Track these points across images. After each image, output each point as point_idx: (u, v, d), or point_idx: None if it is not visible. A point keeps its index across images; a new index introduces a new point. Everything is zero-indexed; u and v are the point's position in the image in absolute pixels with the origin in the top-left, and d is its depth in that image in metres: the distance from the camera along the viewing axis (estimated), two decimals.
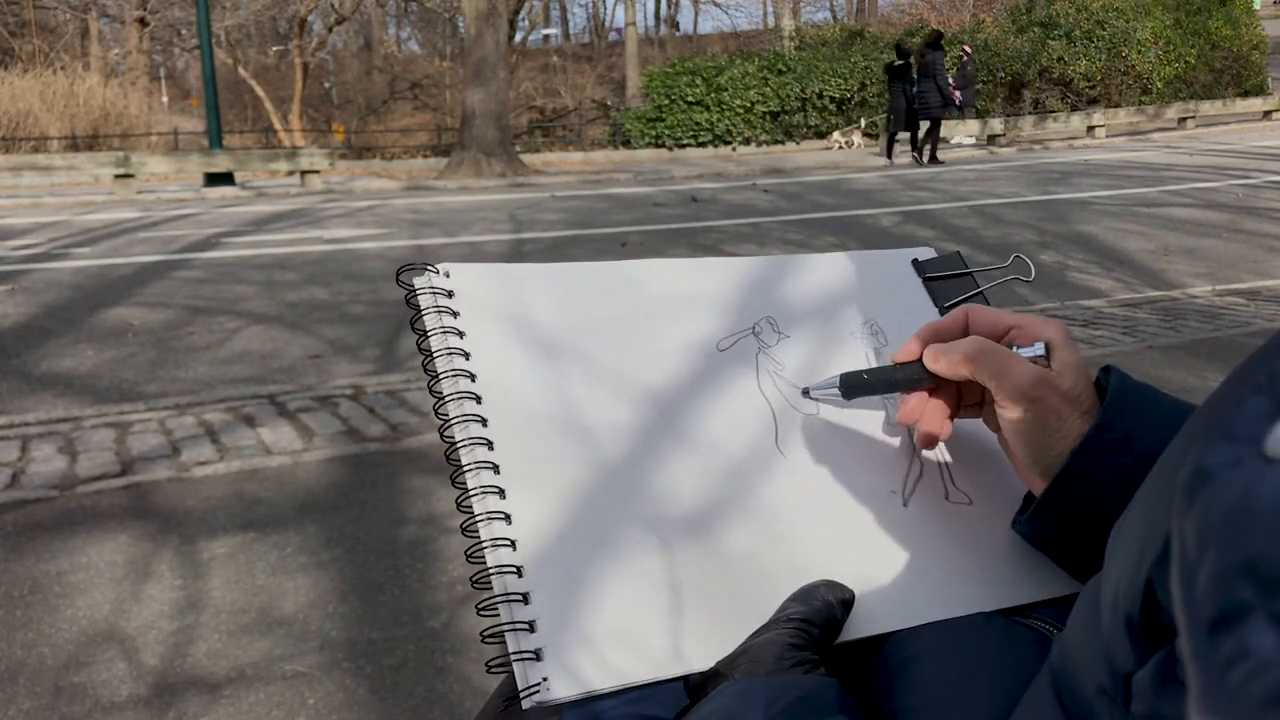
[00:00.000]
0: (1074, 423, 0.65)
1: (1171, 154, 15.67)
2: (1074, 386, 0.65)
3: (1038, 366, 0.66)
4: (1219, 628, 0.30)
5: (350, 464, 3.45)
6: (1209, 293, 5.92)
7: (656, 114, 21.50)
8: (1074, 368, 0.66)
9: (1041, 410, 0.65)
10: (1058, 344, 0.67)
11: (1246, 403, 0.33)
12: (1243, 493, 0.31)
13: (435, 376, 0.70)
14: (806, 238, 8.69)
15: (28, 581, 2.63)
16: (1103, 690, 0.43)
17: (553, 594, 0.63)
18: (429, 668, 2.23)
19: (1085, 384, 0.66)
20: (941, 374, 0.69)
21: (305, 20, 31.08)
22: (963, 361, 0.67)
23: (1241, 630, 0.29)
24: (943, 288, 0.86)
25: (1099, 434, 0.63)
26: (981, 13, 29.02)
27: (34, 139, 20.29)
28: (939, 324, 0.72)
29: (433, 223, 10.64)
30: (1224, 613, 0.30)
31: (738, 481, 0.71)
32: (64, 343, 5.45)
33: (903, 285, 0.86)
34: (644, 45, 36.66)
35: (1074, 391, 0.65)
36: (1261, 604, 0.29)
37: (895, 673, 0.63)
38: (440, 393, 0.69)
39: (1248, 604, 0.29)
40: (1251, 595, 0.29)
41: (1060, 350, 0.67)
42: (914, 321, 0.82)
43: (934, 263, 0.87)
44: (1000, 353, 0.66)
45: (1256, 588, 0.29)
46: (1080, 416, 0.65)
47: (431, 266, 0.74)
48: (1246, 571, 0.29)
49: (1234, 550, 0.30)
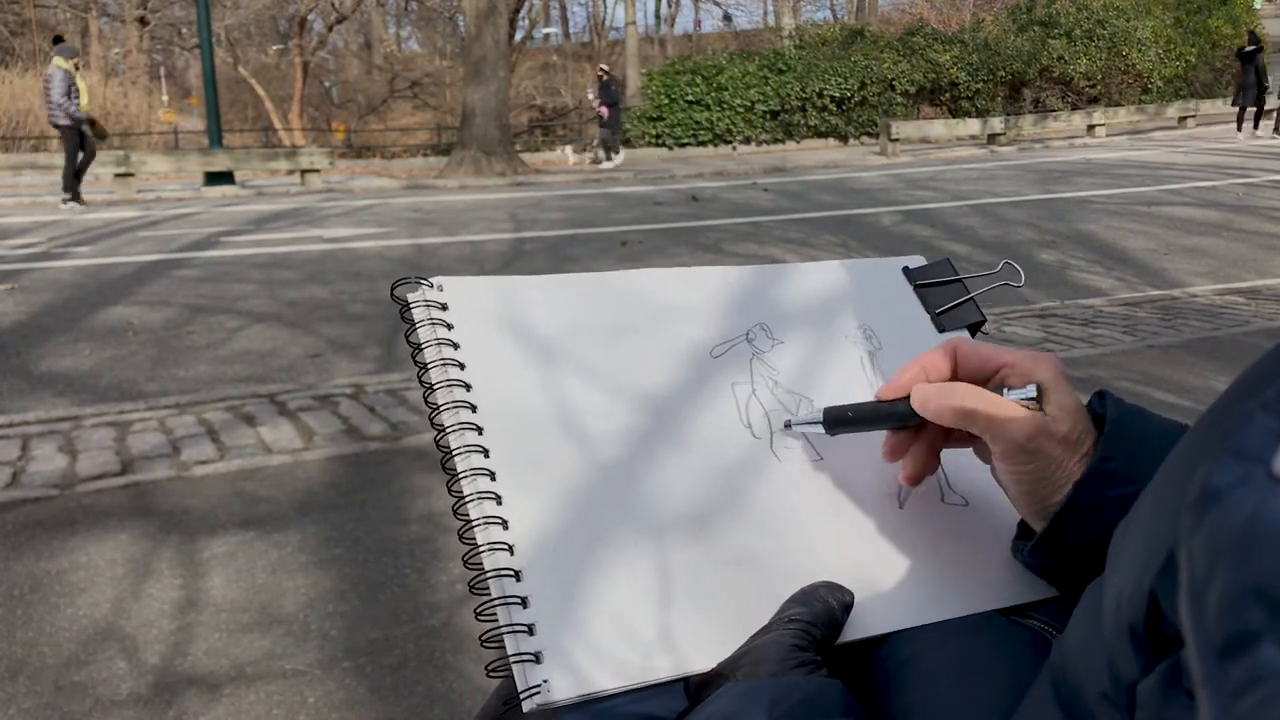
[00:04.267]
0: (1072, 467, 0.62)
1: (1171, 153, 15.67)
2: (1071, 431, 0.62)
3: (1033, 415, 0.63)
4: (1229, 652, 0.29)
5: (350, 463, 3.45)
6: (1209, 291, 5.92)
7: (657, 113, 21.50)
8: (1070, 410, 0.63)
9: (1040, 460, 0.62)
10: (1051, 385, 0.64)
11: (1255, 420, 0.33)
12: (1252, 514, 0.30)
13: (430, 388, 0.70)
14: (807, 236, 8.69)
15: (28, 580, 2.63)
16: (1106, 696, 0.43)
17: (552, 597, 0.63)
18: (429, 666, 2.23)
19: (1083, 426, 0.63)
20: (930, 419, 0.66)
21: (305, 19, 31.08)
22: (952, 414, 0.64)
23: (1252, 655, 0.29)
24: (933, 294, 0.86)
25: (1102, 464, 0.61)
26: (981, 12, 29.02)
27: (34, 138, 20.28)
28: (926, 360, 0.68)
29: (433, 221, 10.64)
30: (1234, 637, 0.29)
31: (733, 484, 0.71)
32: (64, 342, 5.45)
33: (894, 292, 0.86)
34: (644, 44, 36.64)
35: (1071, 436, 0.62)
36: (1272, 629, 0.28)
37: (894, 673, 0.63)
38: (435, 403, 0.70)
39: (1258, 629, 0.29)
40: (1262, 620, 0.29)
41: (1054, 392, 0.64)
42: (906, 328, 0.83)
43: (924, 270, 0.88)
44: (993, 404, 0.63)
45: (1266, 612, 0.29)
46: (1079, 460, 0.62)
47: (425, 280, 0.75)
48: (1257, 595, 0.29)
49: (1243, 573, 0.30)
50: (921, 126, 20.47)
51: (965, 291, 0.86)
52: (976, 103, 22.56)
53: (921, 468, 0.69)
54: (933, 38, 22.96)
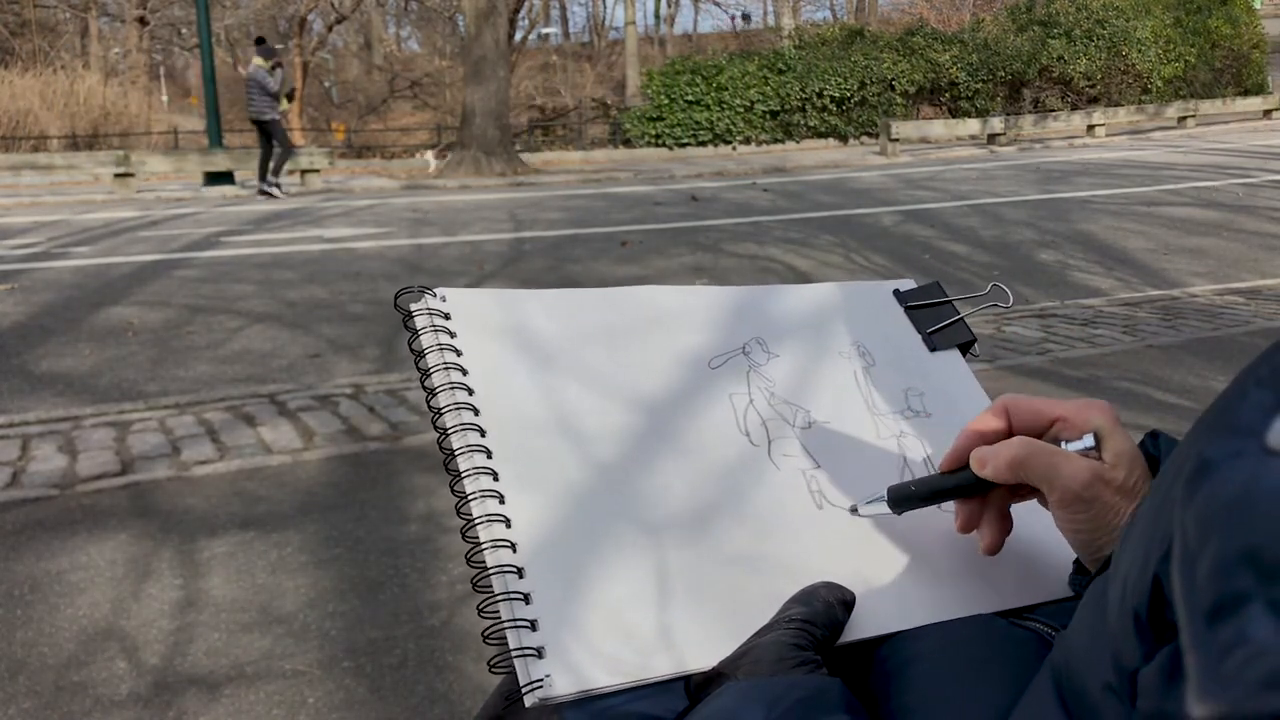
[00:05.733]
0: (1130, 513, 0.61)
1: (1171, 153, 15.67)
2: (1129, 477, 0.62)
3: (1089, 462, 0.62)
4: (1217, 615, 0.30)
5: (350, 463, 3.45)
6: (1209, 291, 5.92)
7: (656, 113, 21.49)
8: (1127, 456, 0.63)
9: (1098, 508, 0.62)
10: (1107, 432, 0.64)
11: (1249, 396, 0.33)
12: (1244, 483, 0.31)
13: (433, 392, 0.71)
14: (807, 236, 8.69)
15: (28, 581, 2.63)
16: (1109, 687, 0.43)
17: (554, 594, 0.64)
18: (429, 666, 2.23)
19: (1140, 471, 0.63)
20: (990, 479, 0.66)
21: (305, 19, 31.08)
22: (1009, 468, 0.64)
23: (1240, 617, 0.29)
24: (923, 316, 0.89)
25: None
26: (981, 11, 29.02)
27: (34, 138, 20.27)
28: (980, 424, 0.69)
29: (432, 222, 10.64)
30: (1223, 600, 0.30)
31: (733, 487, 0.73)
32: (64, 342, 5.45)
33: (885, 314, 0.89)
34: (644, 44, 36.64)
35: (1128, 482, 0.62)
36: (1261, 592, 0.29)
37: (894, 673, 0.63)
38: (438, 407, 0.71)
39: (1247, 592, 0.29)
40: (1251, 583, 0.29)
41: (1111, 439, 0.63)
42: (898, 346, 0.86)
43: (914, 292, 0.90)
44: (1048, 454, 0.63)
45: (1256, 576, 0.29)
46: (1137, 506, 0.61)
47: (429, 290, 0.76)
48: (1246, 560, 0.29)
49: (1234, 539, 0.30)
50: (921, 126, 20.45)
51: (955, 312, 0.89)
52: (976, 103, 22.54)
53: (998, 534, 0.69)
54: (932, 38, 22.94)
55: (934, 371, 0.85)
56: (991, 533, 0.69)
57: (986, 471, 0.65)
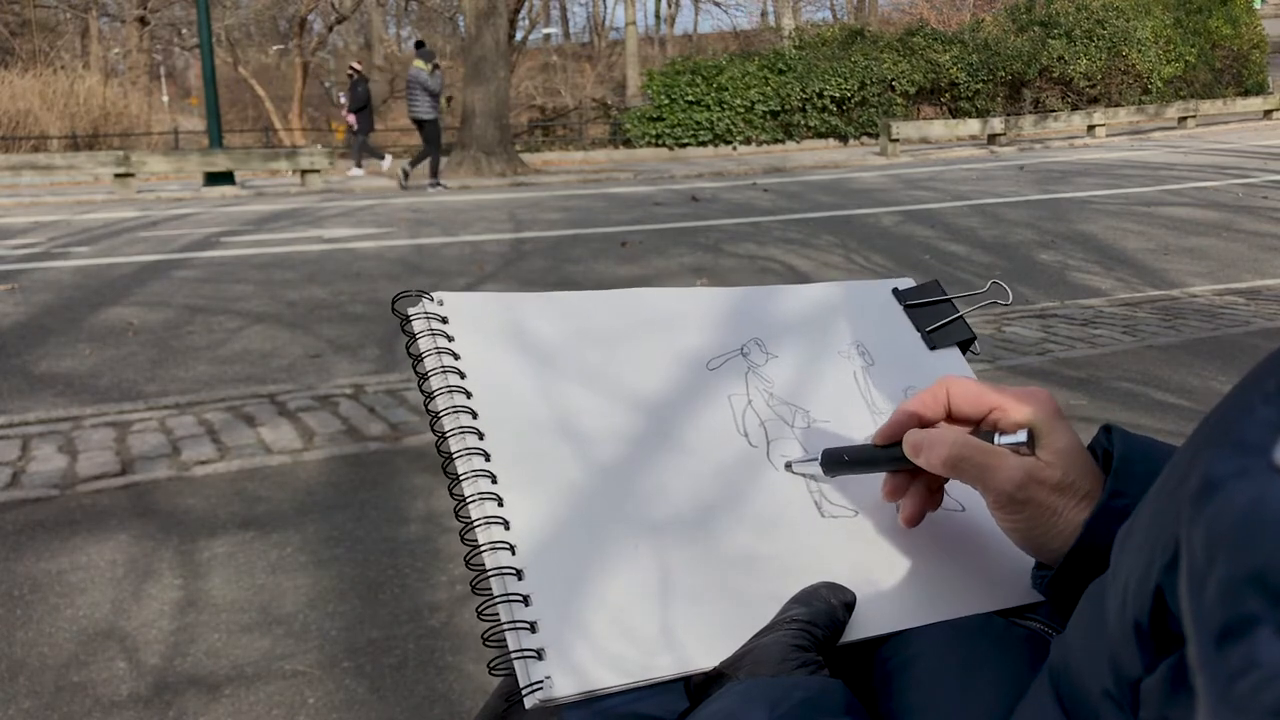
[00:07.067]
0: (1070, 513, 0.60)
1: (1171, 153, 15.68)
2: (1065, 476, 0.60)
3: (1023, 463, 0.61)
4: (1227, 638, 0.30)
5: (350, 463, 3.45)
6: (1209, 292, 5.92)
7: (657, 113, 21.49)
8: (1064, 454, 0.61)
9: (1033, 509, 0.61)
10: (1043, 428, 0.62)
11: (1256, 412, 0.33)
12: (1251, 503, 0.31)
13: (431, 395, 0.72)
14: (807, 236, 8.69)
15: (28, 581, 2.63)
16: (1108, 694, 0.43)
17: (553, 595, 0.64)
18: (429, 666, 2.23)
19: (1080, 468, 0.61)
20: (922, 467, 0.65)
21: (305, 19, 31.08)
22: (941, 465, 0.63)
23: (1250, 641, 0.29)
24: (922, 314, 0.89)
25: (1111, 502, 0.59)
26: (981, 11, 29.02)
27: (34, 138, 20.27)
28: (920, 402, 0.68)
29: (432, 222, 10.64)
30: (1232, 623, 0.30)
31: (732, 487, 0.73)
32: (64, 342, 5.45)
33: (885, 312, 0.89)
34: (644, 44, 36.64)
35: (1065, 482, 0.60)
36: (1270, 615, 0.29)
37: (895, 673, 0.63)
38: (437, 409, 0.71)
39: (1256, 615, 0.29)
40: (1260, 606, 0.29)
41: (1048, 435, 0.62)
42: (898, 345, 0.85)
43: (913, 291, 0.90)
44: (981, 454, 0.62)
45: (1265, 599, 0.29)
46: (1077, 504, 0.60)
47: (427, 295, 0.76)
48: (1255, 582, 0.29)
49: (1242, 561, 0.30)
50: (921, 127, 20.45)
51: (954, 311, 0.88)
52: (976, 103, 22.54)
53: (920, 507, 0.69)
54: (932, 38, 22.95)
55: (934, 370, 0.85)
56: (913, 504, 0.69)
57: (920, 462, 0.65)
